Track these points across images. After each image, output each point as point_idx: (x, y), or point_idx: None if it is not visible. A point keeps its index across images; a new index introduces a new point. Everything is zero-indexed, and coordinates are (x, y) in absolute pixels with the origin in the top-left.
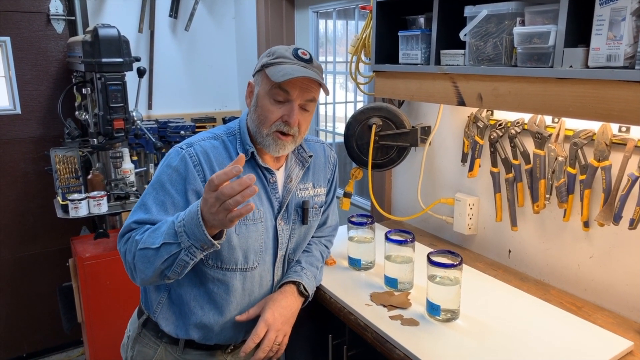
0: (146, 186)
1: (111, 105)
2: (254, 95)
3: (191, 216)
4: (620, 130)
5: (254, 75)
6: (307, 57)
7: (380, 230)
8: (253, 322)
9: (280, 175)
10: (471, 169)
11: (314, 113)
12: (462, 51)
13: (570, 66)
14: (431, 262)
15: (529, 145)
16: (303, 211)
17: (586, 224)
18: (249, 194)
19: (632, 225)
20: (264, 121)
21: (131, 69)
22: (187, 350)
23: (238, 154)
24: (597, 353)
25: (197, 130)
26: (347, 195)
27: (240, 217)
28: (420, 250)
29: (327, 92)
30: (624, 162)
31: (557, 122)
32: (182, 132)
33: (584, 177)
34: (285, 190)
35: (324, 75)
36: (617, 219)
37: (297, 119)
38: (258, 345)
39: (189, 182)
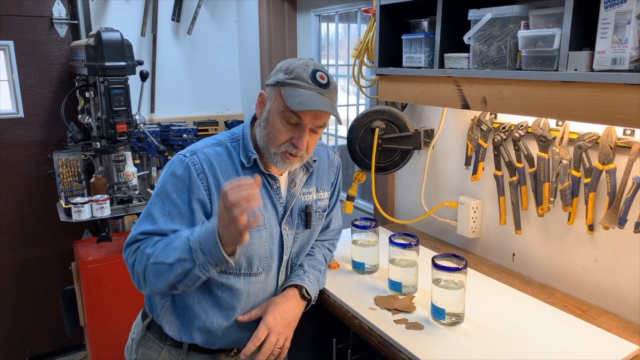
0: (149, 190)
1: (114, 108)
2: (266, 110)
3: (208, 233)
4: (625, 134)
5: (267, 86)
6: (325, 81)
7: (384, 233)
8: (256, 325)
9: (283, 180)
10: (475, 172)
11: None
12: (466, 54)
13: (575, 69)
14: (436, 266)
15: (533, 148)
16: (306, 215)
17: (591, 228)
18: (253, 200)
19: (638, 228)
20: (273, 140)
21: (134, 73)
22: (191, 354)
23: (241, 160)
24: (602, 357)
25: (199, 133)
26: (350, 198)
27: (248, 228)
28: (424, 254)
29: (340, 122)
30: (629, 165)
31: (561, 125)
32: (184, 135)
33: (588, 180)
34: (289, 195)
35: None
36: (622, 222)
37: (305, 144)
38: (259, 349)
39: (192, 191)
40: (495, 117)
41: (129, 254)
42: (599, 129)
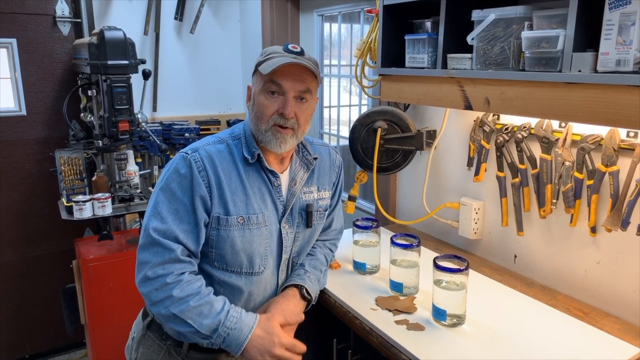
0: (150, 188)
1: (116, 107)
2: (252, 96)
3: (238, 335)
4: (628, 136)
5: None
6: (298, 50)
7: (385, 234)
8: None
9: (284, 178)
10: (477, 173)
11: (318, 116)
12: (469, 55)
13: (579, 71)
14: (437, 267)
15: (536, 149)
16: (307, 214)
17: (593, 230)
18: None
19: None
20: (260, 117)
21: (136, 72)
22: (191, 353)
23: (244, 157)
24: None
25: (201, 132)
26: (351, 198)
27: None
28: (426, 255)
29: (318, 78)
30: (632, 168)
31: (564, 127)
32: (186, 134)
33: (591, 182)
34: (290, 194)
35: (329, 79)
36: (624, 224)
37: (292, 110)
38: None
39: (194, 189)
40: (498, 118)
41: (149, 254)
42: (602, 130)
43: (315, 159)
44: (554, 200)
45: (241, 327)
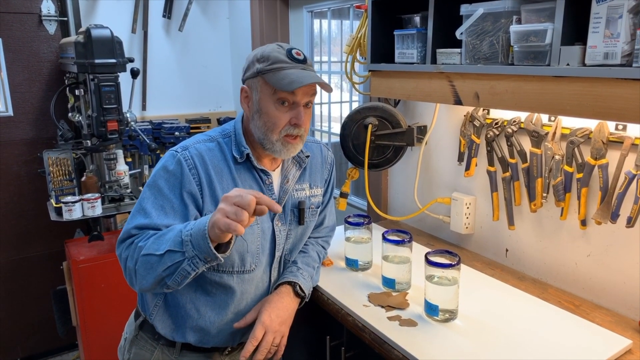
0: (141, 188)
1: (105, 106)
2: (253, 102)
3: (199, 227)
4: (617, 129)
5: (245, 80)
6: (302, 57)
7: (377, 230)
8: (250, 324)
9: (276, 176)
10: (468, 168)
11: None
12: (458, 50)
13: (567, 64)
14: (429, 262)
15: (526, 143)
16: (299, 212)
17: (583, 223)
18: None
19: (630, 223)
20: (272, 128)
21: (124, 70)
22: (184, 353)
23: (233, 155)
24: (596, 352)
25: (191, 131)
26: (343, 195)
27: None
28: (418, 250)
29: (330, 90)
30: (621, 160)
31: (554, 121)
32: (176, 133)
33: (580, 175)
34: (282, 191)
35: (320, 75)
36: (614, 217)
37: (305, 121)
38: (257, 348)
39: (184, 186)
40: (488, 113)
41: (123, 249)
42: (591, 124)
43: (307, 156)
44: (545, 194)
45: (200, 221)
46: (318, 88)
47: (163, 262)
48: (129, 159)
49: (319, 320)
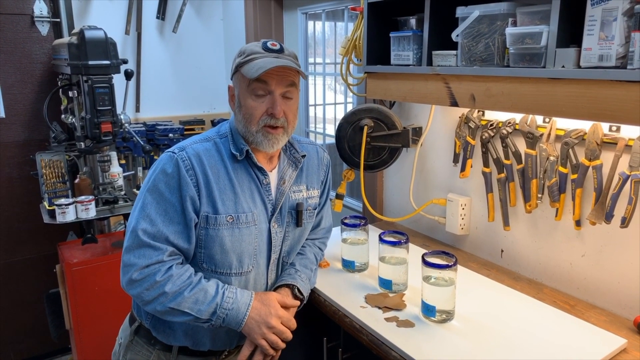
0: (135, 190)
1: (98, 108)
2: (236, 97)
3: (236, 314)
4: (610, 130)
5: (232, 79)
6: (277, 47)
7: (373, 231)
8: None
9: (273, 177)
10: (463, 169)
11: (304, 114)
12: (454, 52)
13: (563, 66)
14: (426, 263)
15: (521, 145)
16: (297, 213)
17: (578, 223)
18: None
19: (624, 223)
20: (250, 119)
21: (118, 72)
22: (181, 357)
23: (232, 155)
24: (591, 351)
25: (185, 132)
26: (339, 196)
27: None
28: (414, 251)
29: (304, 77)
30: (615, 161)
31: (549, 122)
32: (170, 134)
33: (575, 176)
34: (279, 193)
35: (314, 77)
36: (608, 217)
37: (281, 109)
38: (254, 351)
39: (182, 188)
40: (483, 115)
41: (134, 257)
42: (585, 125)
43: (303, 156)
44: (539, 195)
45: (238, 307)
46: (312, 96)
47: (185, 317)
48: (123, 161)
49: (316, 321)
